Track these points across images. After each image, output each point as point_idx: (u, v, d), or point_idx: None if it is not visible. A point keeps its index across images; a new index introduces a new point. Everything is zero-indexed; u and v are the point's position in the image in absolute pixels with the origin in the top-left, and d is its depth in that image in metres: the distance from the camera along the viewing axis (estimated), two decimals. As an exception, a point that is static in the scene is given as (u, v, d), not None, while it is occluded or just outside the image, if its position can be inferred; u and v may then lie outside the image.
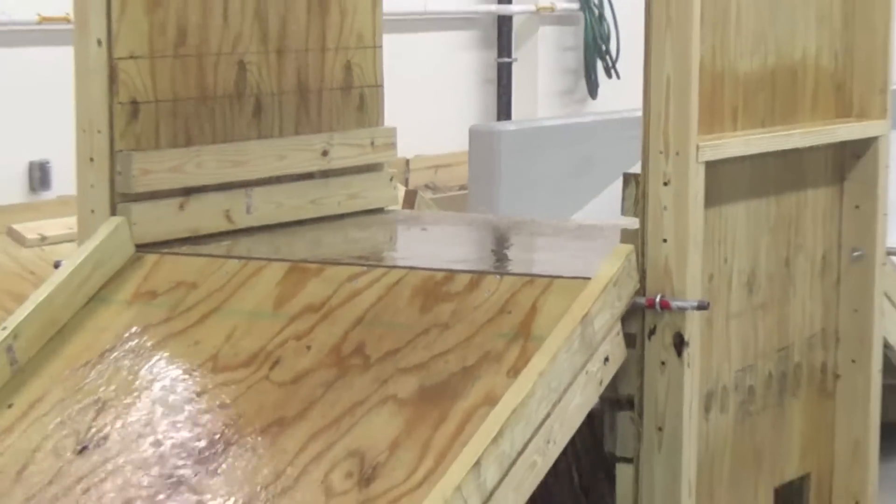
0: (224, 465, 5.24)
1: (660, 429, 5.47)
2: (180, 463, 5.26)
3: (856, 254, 6.33)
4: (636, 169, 5.52)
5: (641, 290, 5.46)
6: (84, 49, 6.05)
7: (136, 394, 5.54)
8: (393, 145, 7.06)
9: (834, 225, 6.30)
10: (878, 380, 6.36)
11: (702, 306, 5.48)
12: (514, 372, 5.24)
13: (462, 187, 11.74)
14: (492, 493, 4.93)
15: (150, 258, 6.04)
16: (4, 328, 5.70)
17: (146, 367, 5.64)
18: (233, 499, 5.11)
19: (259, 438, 5.30)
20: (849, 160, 6.32)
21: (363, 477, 5.08)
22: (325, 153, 6.76)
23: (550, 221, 7.92)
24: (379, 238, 6.62)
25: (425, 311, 5.60)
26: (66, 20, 6.22)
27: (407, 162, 11.54)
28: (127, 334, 5.77)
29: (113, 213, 6.07)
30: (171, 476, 5.22)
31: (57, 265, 6.05)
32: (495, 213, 10.36)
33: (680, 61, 5.43)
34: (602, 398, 5.42)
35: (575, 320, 5.27)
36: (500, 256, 6.74)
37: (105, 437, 5.39)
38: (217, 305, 5.81)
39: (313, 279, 5.81)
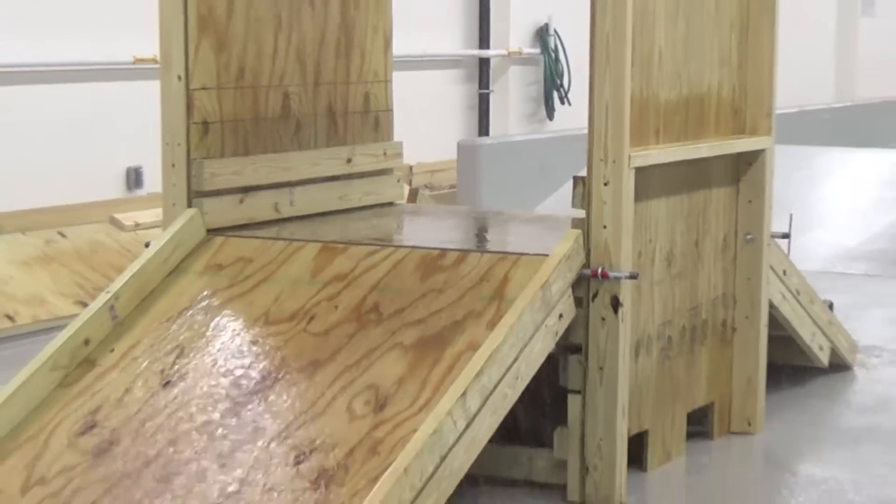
0: (272, 396, 5.24)
1: (601, 368, 5.47)
2: (240, 394, 5.27)
3: (749, 237, 6.32)
4: (583, 173, 5.52)
5: (587, 264, 5.46)
6: (168, 82, 6.04)
7: (206, 341, 5.55)
8: (400, 155, 7.05)
9: (732, 215, 6.30)
10: (765, 332, 6.37)
11: (632, 276, 5.48)
12: (491, 325, 5.24)
13: (452, 186, 11.72)
14: (474, 417, 4.94)
15: (217, 240, 6.04)
16: (108, 292, 5.70)
17: (214, 321, 5.64)
18: (279, 421, 5.11)
19: (299, 375, 5.30)
20: (743, 167, 6.32)
21: (378, 405, 5.08)
22: (349, 161, 6.76)
23: (519, 212, 7.92)
24: (389, 225, 6.61)
25: (424, 280, 5.60)
26: (154, 61, 6.19)
27: (410, 167, 11.51)
28: (200, 297, 5.77)
29: (189, 205, 6.06)
30: (233, 404, 5.23)
31: (147, 245, 6.05)
32: (477, 206, 10.35)
33: (616, 93, 5.43)
34: (557, 345, 5.43)
35: (537, 287, 5.28)
36: (480, 238, 6.73)
37: (184, 374, 5.39)
38: (267, 275, 5.81)
39: (340, 255, 5.81)
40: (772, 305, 6.47)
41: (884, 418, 6.61)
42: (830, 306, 7.10)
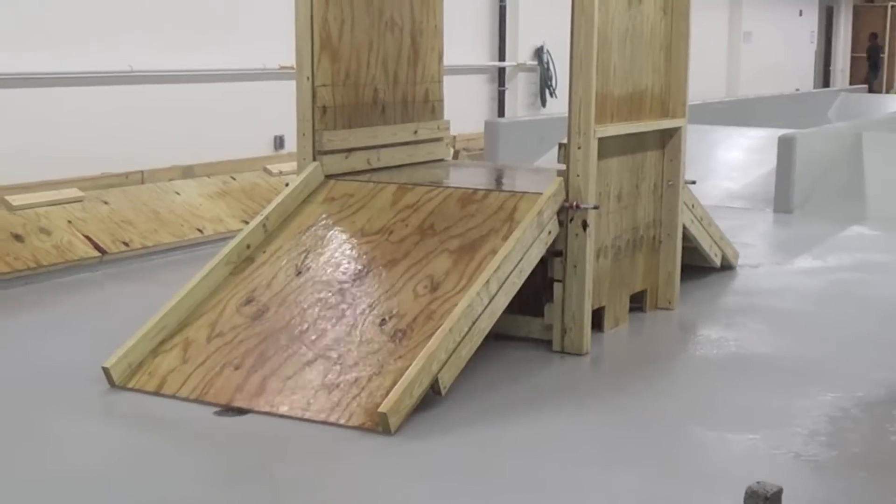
0: (365, 282, 5.21)
1: (575, 266, 5.42)
2: (345, 279, 5.25)
3: (670, 183, 6.24)
4: (564, 140, 5.45)
5: (566, 199, 5.39)
6: (301, 81, 6.00)
7: (324, 247, 5.52)
8: (448, 129, 6.99)
9: (660, 168, 6.21)
10: (680, 244, 6.30)
11: (595, 207, 5.42)
12: (505, 238, 5.21)
13: (481, 149, 11.63)
14: (494, 296, 4.91)
15: (331, 182, 6.00)
16: (262, 215, 5.69)
17: (329, 234, 5.62)
18: (370, 298, 5.09)
19: (382, 269, 5.28)
20: (666, 138, 6.23)
21: (433, 287, 5.06)
22: (415, 132, 6.70)
23: (524, 165, 7.85)
24: (441, 173, 6.56)
25: (463, 208, 5.55)
26: (292, 68, 6.14)
27: (454, 137, 11.36)
28: (320, 218, 5.74)
29: (314, 160, 6.02)
30: (340, 286, 5.21)
31: (287, 185, 6.02)
32: (497, 161, 10.28)
33: (586, 90, 5.35)
34: (547, 251, 5.37)
35: (534, 213, 5.23)
36: (499, 182, 6.67)
37: (309, 267, 5.37)
38: (363, 204, 5.77)
39: (409, 192, 5.76)
40: (684, 227, 6.41)
41: (755, 300, 6.55)
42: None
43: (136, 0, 9.34)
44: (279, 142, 10.72)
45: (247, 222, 7.08)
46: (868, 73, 27.17)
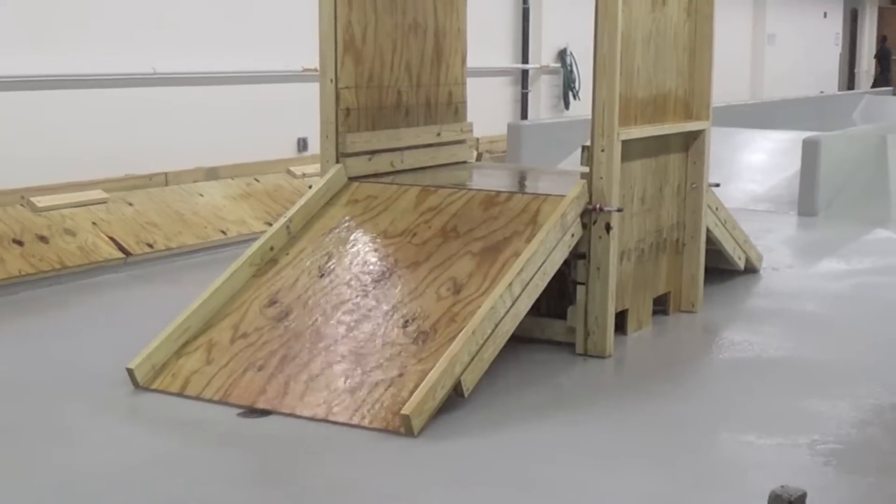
0: (388, 284, 5.22)
1: (598, 268, 5.41)
2: (368, 281, 5.25)
3: (693, 185, 6.22)
4: (588, 143, 5.44)
5: (590, 202, 5.39)
6: (325, 83, 6.01)
7: (347, 249, 5.53)
8: (471, 131, 6.99)
9: (683, 171, 6.20)
10: (703, 246, 6.28)
11: (619, 210, 5.41)
12: (528, 240, 5.20)
13: (504, 152, 11.62)
14: (517, 298, 4.91)
15: (355, 184, 6.01)
16: (285, 216, 5.70)
17: (352, 236, 5.62)
18: (393, 300, 5.10)
19: (405, 271, 5.28)
20: (690, 140, 6.21)
21: (456, 290, 5.06)
22: (438, 134, 6.70)
23: (547, 168, 7.84)
24: (464, 175, 6.56)
25: (486, 211, 5.56)
26: (315, 70, 6.15)
27: (477, 139, 11.31)
28: (343, 220, 5.75)
29: (337, 162, 6.03)
30: (363, 288, 5.21)
31: (310, 187, 6.03)
32: (520, 164, 10.27)
33: (610, 92, 5.35)
34: (570, 253, 5.37)
35: (558, 216, 5.23)
36: (522, 185, 6.66)
37: (332, 269, 5.38)
38: (386, 207, 5.78)
39: (432, 195, 5.76)
40: (708, 230, 6.39)
41: (779, 303, 6.53)
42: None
43: (160, 3, 9.38)
44: (303, 144, 10.73)
45: (270, 224, 7.10)
46: (878, 75, 26.90)
